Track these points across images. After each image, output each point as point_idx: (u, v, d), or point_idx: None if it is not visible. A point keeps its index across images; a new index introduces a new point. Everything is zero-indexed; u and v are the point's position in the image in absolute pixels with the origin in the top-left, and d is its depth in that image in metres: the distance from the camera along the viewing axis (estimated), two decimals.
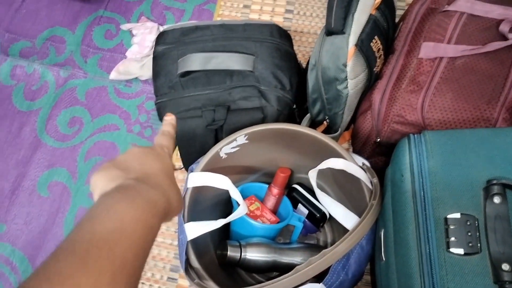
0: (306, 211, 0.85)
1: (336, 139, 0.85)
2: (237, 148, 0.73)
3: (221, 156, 0.72)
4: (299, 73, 0.81)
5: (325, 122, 0.83)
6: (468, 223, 0.47)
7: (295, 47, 1.06)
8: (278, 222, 0.81)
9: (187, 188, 0.67)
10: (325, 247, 0.86)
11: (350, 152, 0.72)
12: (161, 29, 1.13)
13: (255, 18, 1.14)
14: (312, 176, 0.67)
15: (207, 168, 0.71)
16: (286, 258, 0.77)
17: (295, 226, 0.83)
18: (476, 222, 0.47)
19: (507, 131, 0.54)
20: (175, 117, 0.50)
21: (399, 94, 0.77)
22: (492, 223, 0.47)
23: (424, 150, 0.54)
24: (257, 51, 0.72)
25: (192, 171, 0.70)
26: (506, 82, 0.74)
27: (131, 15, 1.18)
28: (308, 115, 0.84)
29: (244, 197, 0.84)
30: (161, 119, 0.74)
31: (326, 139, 0.70)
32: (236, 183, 0.84)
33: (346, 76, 0.71)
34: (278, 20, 1.14)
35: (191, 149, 0.74)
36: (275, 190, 0.83)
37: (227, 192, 0.70)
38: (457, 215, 0.48)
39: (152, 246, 0.36)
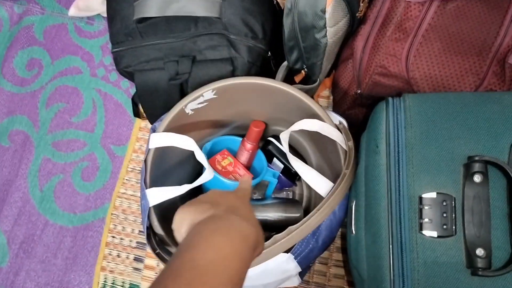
0: (281, 166, 0.81)
1: (315, 89, 0.79)
2: (205, 103, 0.67)
3: (187, 112, 0.66)
4: (275, 16, 0.73)
5: (303, 71, 0.77)
6: (444, 203, 0.44)
7: None
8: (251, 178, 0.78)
9: (149, 150, 0.62)
10: (300, 201, 0.83)
11: (328, 110, 0.66)
12: None
13: None
14: (284, 138, 0.62)
15: (172, 127, 0.65)
16: (259, 215, 0.74)
17: (269, 182, 0.80)
18: (453, 202, 0.44)
19: (496, 97, 0.49)
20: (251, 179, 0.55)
21: (383, 42, 0.70)
22: (470, 203, 0.43)
23: (403, 118, 0.49)
24: None
25: (154, 131, 0.64)
26: (500, 30, 0.67)
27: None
28: (285, 62, 0.77)
29: (217, 151, 0.79)
30: (119, 70, 0.67)
31: (301, 95, 0.64)
32: (207, 137, 0.79)
33: (325, 24, 0.64)
34: None
35: (155, 104, 0.68)
36: (249, 145, 0.78)
37: None
38: (433, 195, 0.44)
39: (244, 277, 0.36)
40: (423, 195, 0.44)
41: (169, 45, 0.64)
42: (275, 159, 0.82)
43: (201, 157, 0.61)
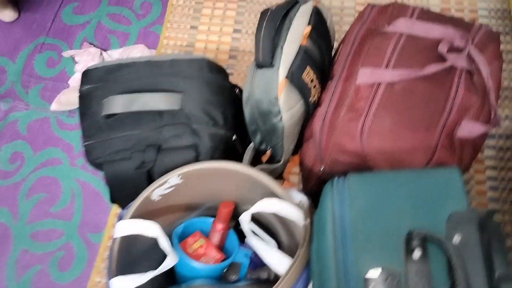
0: None
1: (281, 168, 0.82)
2: (172, 188, 0.70)
3: (153, 199, 0.69)
4: (237, 103, 0.78)
5: (268, 151, 0.81)
6: (390, 281, 0.45)
7: (243, 68, 1.04)
8: (224, 259, 0.78)
9: (114, 239, 0.64)
10: (275, 280, 0.83)
11: (291, 188, 0.69)
12: (105, 55, 1.09)
13: (202, 39, 1.11)
14: (245, 220, 0.64)
15: (138, 213, 0.67)
16: None
17: (241, 263, 0.80)
18: (397, 279, 0.45)
19: (431, 173, 0.52)
20: None
21: (338, 122, 0.75)
22: (413, 279, 0.44)
23: (347, 196, 0.52)
24: (186, 88, 0.68)
25: (121, 218, 0.66)
26: (445, 105, 0.72)
27: (73, 40, 1.14)
28: (252, 144, 0.81)
29: (189, 233, 0.81)
30: (89, 161, 0.71)
31: (260, 176, 0.67)
32: (179, 220, 0.81)
33: (279, 110, 0.68)
34: (226, 40, 1.11)
35: (124, 192, 0.71)
36: (219, 226, 0.79)
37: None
38: (378, 272, 0.45)
39: None
40: (368, 276, 0.46)
41: (136, 136, 0.69)
42: (246, 239, 0.83)
43: (164, 243, 0.63)
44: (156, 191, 0.68)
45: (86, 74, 0.70)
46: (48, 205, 0.95)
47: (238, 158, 0.78)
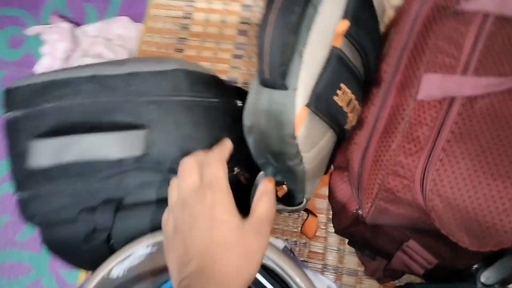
0: None
1: (303, 207, 0.59)
2: (142, 259, 0.49)
3: (115, 277, 0.48)
4: (238, 117, 0.54)
5: (284, 186, 0.57)
6: None
7: (254, 40, 0.78)
8: None
9: None
10: None
11: (317, 272, 0.47)
12: (79, 32, 0.85)
13: (202, 7, 0.84)
14: None
15: None
16: None
17: None
18: None
19: None
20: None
21: (388, 156, 0.50)
22: None
23: None
24: (152, 118, 0.44)
25: None
26: None
27: (40, 11, 0.90)
28: (262, 173, 0.58)
29: None
30: (25, 218, 0.50)
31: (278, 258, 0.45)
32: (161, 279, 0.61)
33: (298, 151, 0.44)
34: (235, 8, 0.84)
35: (75, 264, 0.50)
36: None
37: None
38: None
39: None
40: None
41: (85, 188, 0.47)
42: None
43: None
44: (117, 268, 0.47)
45: (8, 95, 0.47)
46: (13, 231, 0.76)
47: (243, 192, 0.55)
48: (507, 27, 0.50)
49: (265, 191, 0.41)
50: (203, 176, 0.39)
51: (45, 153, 0.42)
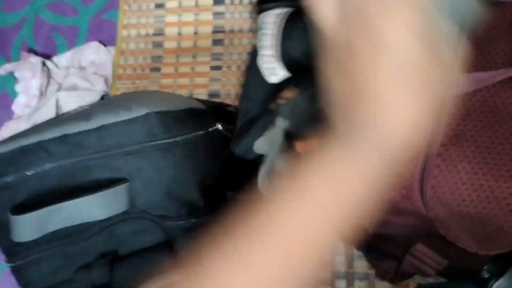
0: None
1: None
2: None
3: None
4: (225, 143, 0.52)
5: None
6: None
7: (234, 57, 0.77)
8: None
9: None
10: None
11: None
12: (50, 64, 0.83)
13: (173, 21, 0.81)
14: None
15: None
16: None
17: None
18: None
19: None
20: None
21: None
22: None
23: None
24: (131, 169, 0.42)
25: None
26: None
27: (10, 48, 0.87)
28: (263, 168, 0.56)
29: None
30: (21, 285, 0.49)
31: None
32: None
33: None
34: (206, 18, 0.81)
35: None
36: None
37: None
38: None
39: None
40: None
41: (75, 248, 0.45)
42: None
43: None
44: None
45: None
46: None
47: None
48: (491, 13, 0.47)
49: None
50: None
51: (28, 228, 0.41)
